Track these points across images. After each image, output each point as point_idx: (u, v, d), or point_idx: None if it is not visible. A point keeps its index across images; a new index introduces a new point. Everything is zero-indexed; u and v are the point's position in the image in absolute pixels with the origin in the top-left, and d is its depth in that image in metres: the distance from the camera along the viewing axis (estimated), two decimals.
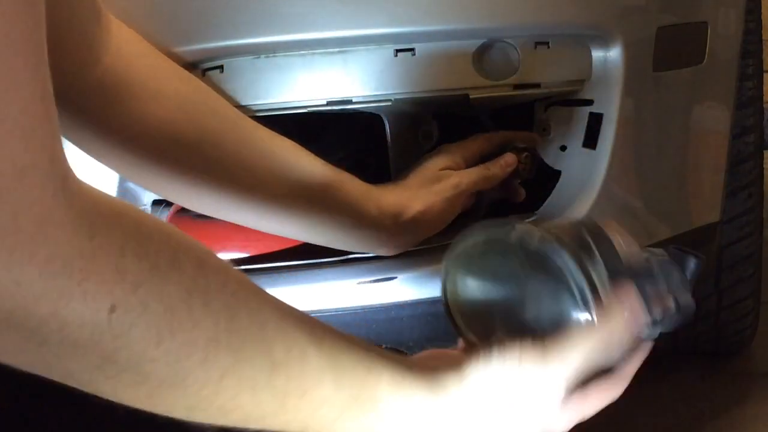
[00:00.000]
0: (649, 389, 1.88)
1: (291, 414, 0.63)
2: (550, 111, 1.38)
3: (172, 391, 0.61)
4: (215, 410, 0.62)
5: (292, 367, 0.62)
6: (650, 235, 1.49)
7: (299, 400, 0.63)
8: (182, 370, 0.59)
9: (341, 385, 0.66)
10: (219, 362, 0.59)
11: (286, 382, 0.62)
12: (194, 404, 0.62)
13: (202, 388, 0.60)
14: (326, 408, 0.65)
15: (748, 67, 1.70)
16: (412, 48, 1.25)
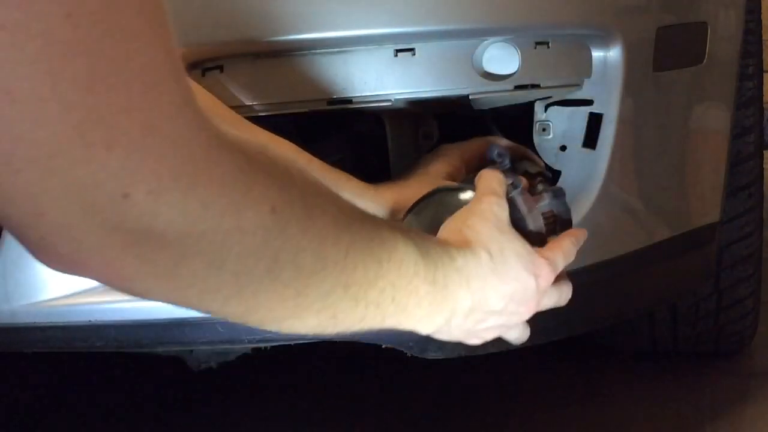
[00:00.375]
0: (649, 389, 1.88)
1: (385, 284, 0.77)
2: (550, 111, 1.38)
3: (317, 283, 0.70)
4: (345, 290, 0.73)
5: (394, 257, 0.76)
6: (650, 235, 1.49)
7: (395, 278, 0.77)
8: (323, 254, 0.69)
9: (427, 266, 0.81)
10: (343, 239, 0.71)
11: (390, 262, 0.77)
12: (330, 290, 0.71)
13: (337, 271, 0.71)
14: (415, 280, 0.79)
15: (748, 67, 1.70)
16: (412, 48, 1.25)
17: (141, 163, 0.57)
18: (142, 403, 1.93)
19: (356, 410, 1.85)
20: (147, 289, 0.64)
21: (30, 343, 1.32)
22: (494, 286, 0.88)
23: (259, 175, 0.64)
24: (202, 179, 0.59)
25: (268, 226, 0.64)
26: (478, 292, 0.86)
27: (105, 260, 0.60)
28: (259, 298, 0.68)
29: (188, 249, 0.61)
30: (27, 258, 1.25)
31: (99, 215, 0.57)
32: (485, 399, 1.88)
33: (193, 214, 0.59)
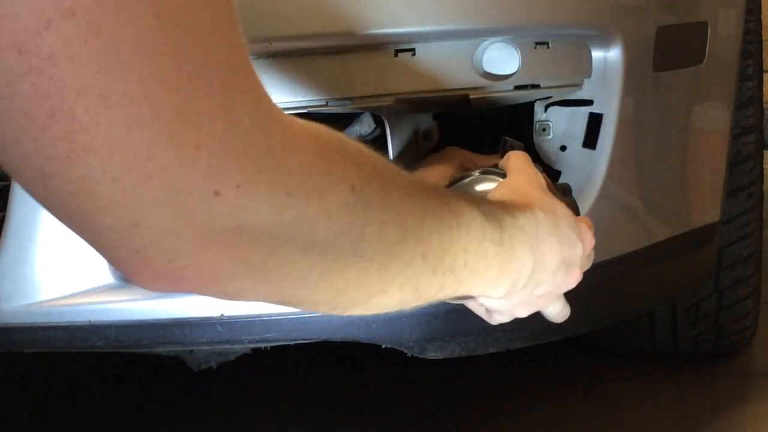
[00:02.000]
0: (649, 389, 1.88)
1: None
2: (550, 111, 1.38)
3: (399, 254, 0.72)
4: (423, 260, 0.75)
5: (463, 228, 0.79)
6: (650, 235, 1.49)
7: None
8: (403, 225, 0.71)
9: (493, 227, 0.83)
10: (417, 209, 0.73)
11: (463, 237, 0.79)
12: (411, 261, 0.73)
13: (415, 240, 0.73)
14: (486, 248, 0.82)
15: (748, 67, 1.70)
16: (412, 48, 1.25)
17: (227, 160, 0.58)
18: (142, 403, 1.93)
19: (356, 410, 1.85)
20: (242, 289, 0.65)
21: (30, 343, 1.32)
22: (551, 246, 0.90)
23: (334, 157, 0.66)
24: (284, 168, 0.61)
25: (351, 205, 0.66)
26: (537, 251, 0.88)
27: (200, 267, 0.61)
28: (347, 276, 0.69)
29: (278, 239, 0.62)
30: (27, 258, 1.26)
31: (192, 218, 0.58)
32: (485, 399, 1.88)
33: (280, 202, 0.61)
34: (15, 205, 1.25)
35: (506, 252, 0.85)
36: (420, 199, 0.74)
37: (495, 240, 0.83)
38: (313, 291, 0.69)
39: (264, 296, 0.67)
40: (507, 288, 0.87)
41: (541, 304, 0.95)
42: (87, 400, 1.96)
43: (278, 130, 0.61)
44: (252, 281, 0.64)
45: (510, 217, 0.86)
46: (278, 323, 1.30)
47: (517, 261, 0.86)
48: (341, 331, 1.31)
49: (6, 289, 1.27)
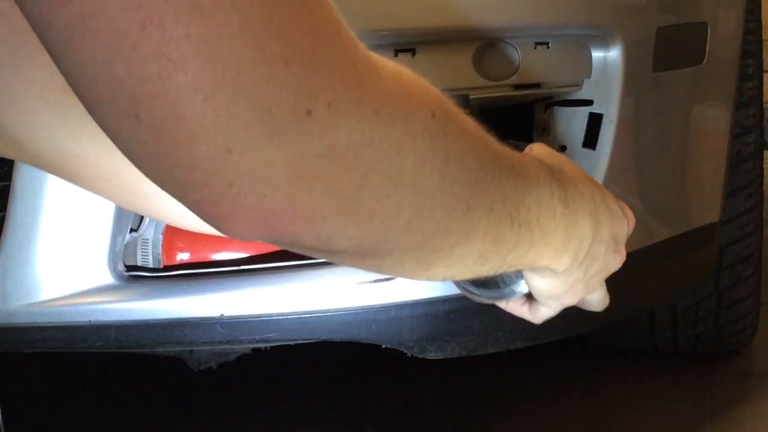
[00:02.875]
0: (649, 389, 1.88)
1: None
2: (550, 111, 1.38)
3: (482, 193, 0.71)
4: (503, 203, 0.75)
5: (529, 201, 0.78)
6: (650, 235, 1.49)
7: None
8: (482, 159, 0.71)
9: (559, 186, 0.82)
10: (492, 146, 0.73)
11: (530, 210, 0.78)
12: (492, 203, 0.73)
13: (495, 180, 0.73)
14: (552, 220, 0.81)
15: (748, 67, 1.70)
16: (412, 48, 1.25)
17: (316, 77, 0.58)
18: (142, 403, 1.93)
19: (356, 410, 1.85)
20: (334, 231, 0.64)
21: (30, 343, 1.32)
22: (606, 219, 0.89)
23: (414, 83, 0.66)
24: (370, 88, 0.61)
25: (433, 130, 0.66)
26: (594, 219, 0.87)
27: (294, 202, 0.60)
28: (437, 217, 0.69)
29: (368, 164, 0.62)
30: (27, 258, 1.26)
31: (285, 140, 0.57)
32: (485, 399, 1.88)
33: (369, 122, 0.61)
34: (15, 205, 1.25)
35: (571, 215, 0.84)
36: (490, 141, 0.74)
37: (561, 199, 0.82)
38: (403, 233, 0.68)
39: (357, 240, 0.66)
40: (570, 259, 0.86)
41: (591, 286, 0.93)
42: (87, 400, 1.96)
43: (361, 53, 0.62)
44: (344, 219, 0.63)
45: (571, 182, 0.85)
46: (278, 323, 1.30)
47: (580, 227, 0.86)
48: (341, 331, 1.31)
49: (6, 289, 1.27)
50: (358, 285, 1.28)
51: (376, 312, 1.30)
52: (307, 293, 1.28)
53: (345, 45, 0.61)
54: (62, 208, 1.25)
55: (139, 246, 1.30)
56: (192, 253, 1.30)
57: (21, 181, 1.24)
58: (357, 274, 1.28)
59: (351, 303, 1.29)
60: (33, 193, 1.25)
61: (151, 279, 1.30)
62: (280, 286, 1.29)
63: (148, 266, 1.30)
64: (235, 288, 1.29)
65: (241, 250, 1.31)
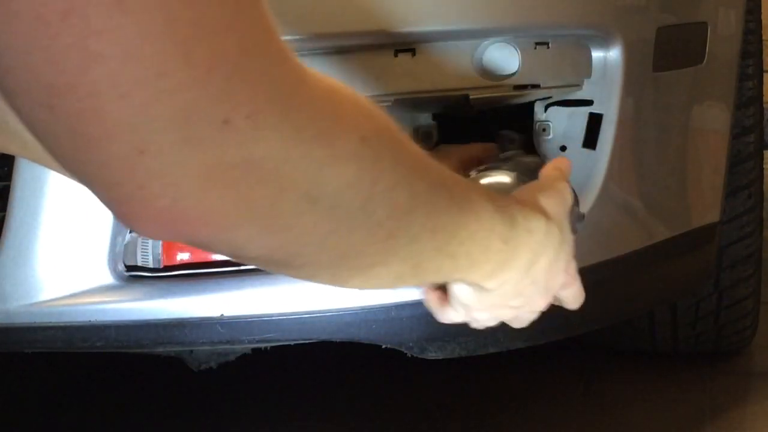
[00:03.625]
0: (649, 389, 1.88)
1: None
2: (550, 111, 1.38)
3: (408, 224, 0.70)
4: (431, 236, 0.73)
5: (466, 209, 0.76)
6: (650, 235, 1.49)
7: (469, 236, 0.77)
8: (414, 190, 0.69)
9: (503, 222, 0.80)
10: (430, 178, 0.71)
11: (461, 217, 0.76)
12: (418, 234, 0.71)
13: (426, 212, 0.71)
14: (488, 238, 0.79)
15: (748, 67, 1.70)
16: (412, 48, 1.25)
17: (238, 87, 0.56)
18: (141, 403, 1.93)
19: (356, 410, 1.85)
20: (247, 239, 0.62)
21: (30, 343, 1.32)
22: (548, 262, 0.87)
23: (346, 104, 0.64)
24: (294, 103, 0.60)
25: (361, 155, 0.64)
26: (535, 259, 0.85)
27: (205, 208, 0.59)
28: (354, 239, 0.67)
29: (285, 179, 0.60)
30: (27, 258, 1.26)
31: (200, 147, 0.56)
32: (485, 399, 1.88)
33: (289, 138, 0.59)
34: (15, 205, 1.25)
35: (510, 251, 0.82)
36: (432, 172, 0.72)
37: (502, 236, 0.80)
38: (318, 249, 0.66)
39: (268, 249, 0.64)
40: (496, 285, 0.84)
41: (504, 316, 0.91)
42: (87, 400, 1.96)
43: (291, 67, 0.60)
44: (257, 229, 0.62)
45: (522, 217, 0.83)
46: (278, 323, 1.30)
47: (516, 261, 0.83)
48: (341, 331, 1.31)
49: (6, 289, 1.27)
50: None
51: (376, 312, 1.30)
52: (307, 293, 1.28)
53: (273, 57, 0.59)
54: (62, 208, 1.25)
55: (139, 246, 1.30)
56: (192, 253, 1.30)
57: (21, 181, 1.24)
58: None
59: (351, 303, 1.29)
60: (33, 193, 1.25)
61: (151, 279, 1.30)
62: (280, 286, 1.29)
63: (148, 266, 1.30)
64: (235, 288, 1.29)
65: None
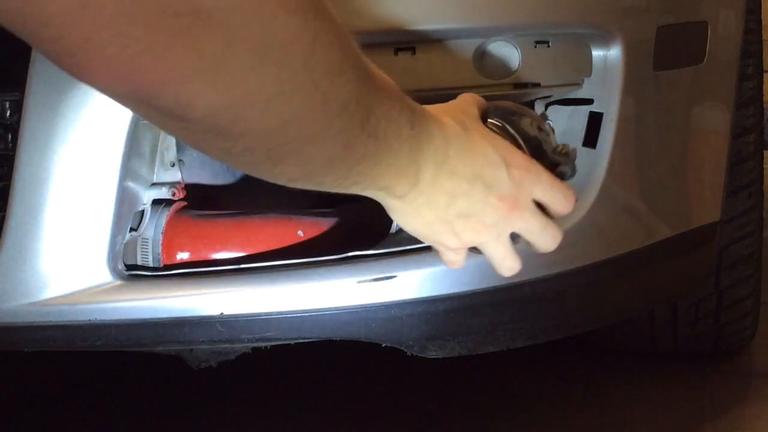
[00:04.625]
0: (649, 389, 1.88)
1: None
2: (550, 110, 1.38)
3: (338, 87, 0.71)
4: (356, 105, 0.74)
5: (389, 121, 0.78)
6: (650, 235, 1.49)
7: None
8: (345, 53, 0.71)
9: (409, 107, 0.81)
10: (356, 50, 0.73)
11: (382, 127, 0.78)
12: (346, 102, 0.73)
13: (353, 79, 0.73)
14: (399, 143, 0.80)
15: (748, 67, 1.70)
16: (413, 47, 1.25)
17: None
18: (141, 402, 1.93)
19: (356, 410, 1.85)
20: (194, 93, 0.62)
21: (30, 342, 1.32)
22: (459, 153, 0.86)
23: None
24: None
25: (306, 8, 0.65)
26: (442, 152, 0.84)
27: (153, 56, 0.58)
28: (294, 103, 0.68)
29: (234, 30, 0.60)
30: (26, 257, 1.26)
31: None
32: (485, 399, 1.88)
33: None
34: (15, 205, 1.25)
35: (415, 138, 0.81)
36: (357, 48, 0.73)
37: (409, 120, 0.80)
38: (261, 113, 0.66)
39: (214, 108, 0.64)
40: (410, 184, 0.84)
41: (462, 233, 0.89)
42: (87, 400, 1.96)
43: None
44: (205, 84, 0.61)
45: (421, 109, 0.83)
46: (278, 322, 1.30)
47: (424, 152, 0.83)
48: (341, 330, 1.31)
49: (6, 288, 1.27)
50: (358, 284, 1.28)
51: (376, 311, 1.30)
52: (307, 292, 1.28)
53: None
54: (62, 208, 1.25)
55: (139, 245, 1.30)
56: (192, 252, 1.30)
57: (21, 180, 1.24)
58: (357, 273, 1.28)
59: (351, 302, 1.29)
60: (33, 193, 1.25)
61: (151, 278, 1.30)
62: (280, 285, 1.29)
63: (148, 265, 1.30)
64: (235, 287, 1.29)
65: (241, 248, 1.31)
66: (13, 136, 1.24)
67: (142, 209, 1.30)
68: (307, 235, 1.31)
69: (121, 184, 1.26)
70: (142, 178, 1.29)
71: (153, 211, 1.31)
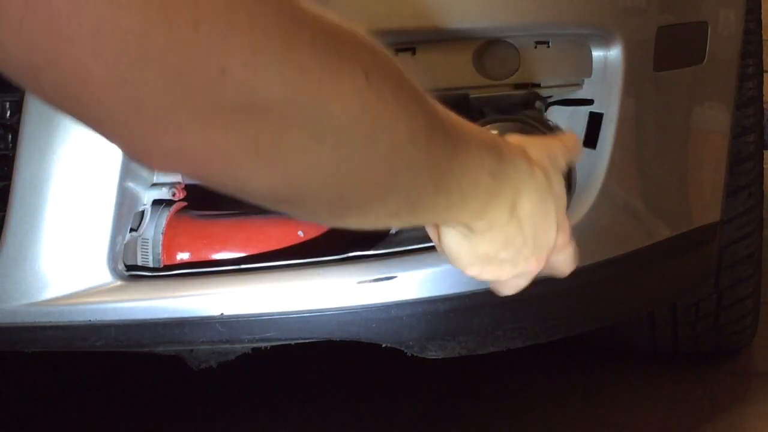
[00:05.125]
0: (649, 389, 1.88)
1: None
2: (550, 110, 1.38)
3: (408, 158, 0.69)
4: (429, 171, 0.73)
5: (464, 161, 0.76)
6: (650, 235, 1.50)
7: None
8: (414, 123, 0.69)
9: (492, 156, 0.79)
10: (427, 111, 0.70)
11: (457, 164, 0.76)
12: (417, 170, 0.71)
13: (425, 146, 0.71)
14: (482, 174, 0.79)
15: (748, 67, 1.70)
16: (413, 47, 1.25)
17: (232, 36, 0.55)
18: (141, 402, 1.93)
19: (356, 410, 1.85)
20: (252, 173, 0.62)
21: (30, 342, 1.32)
22: (532, 204, 0.85)
23: (348, 41, 0.63)
24: (294, 43, 0.58)
25: (364, 92, 0.63)
26: (518, 199, 0.84)
27: (209, 145, 0.58)
28: (356, 175, 0.67)
29: (289, 120, 0.60)
30: (27, 258, 1.26)
31: (199, 97, 0.56)
32: (485, 399, 1.88)
33: (292, 80, 0.58)
34: (15, 205, 1.25)
35: (496, 185, 0.81)
36: (429, 103, 0.72)
37: (491, 170, 0.79)
38: (321, 186, 0.66)
39: (272, 186, 0.64)
40: (487, 224, 0.83)
41: (499, 275, 0.89)
42: (87, 400, 1.96)
43: (286, 5, 0.59)
44: (261, 164, 0.62)
45: (508, 152, 0.82)
46: (278, 323, 1.30)
47: (501, 198, 0.82)
48: (341, 330, 1.31)
49: (6, 288, 1.27)
50: (358, 284, 1.28)
51: (376, 311, 1.30)
52: (307, 292, 1.28)
53: None
54: (62, 208, 1.25)
55: (139, 245, 1.30)
56: (192, 252, 1.30)
57: (21, 180, 1.24)
58: (357, 274, 1.28)
59: (351, 302, 1.29)
60: (33, 193, 1.25)
61: (151, 278, 1.30)
62: (280, 285, 1.29)
63: (148, 266, 1.30)
64: (235, 287, 1.29)
65: (241, 249, 1.31)
66: (13, 136, 1.24)
67: (143, 209, 1.30)
68: (307, 236, 1.31)
69: (121, 184, 1.26)
70: (142, 179, 1.29)
71: (153, 212, 1.31)
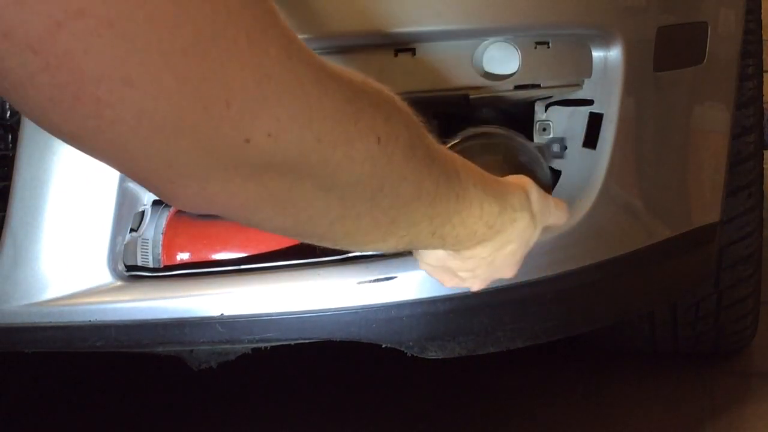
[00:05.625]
0: (649, 389, 1.88)
1: None
2: (550, 111, 1.38)
3: (410, 212, 0.75)
4: (429, 222, 0.79)
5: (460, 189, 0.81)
6: (650, 235, 1.49)
7: None
8: (421, 184, 0.74)
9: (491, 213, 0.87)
10: (435, 171, 0.76)
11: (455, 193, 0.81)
12: (419, 220, 0.77)
13: (428, 202, 0.76)
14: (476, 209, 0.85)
15: (748, 67, 1.70)
16: (412, 48, 1.25)
17: (260, 111, 0.59)
18: (141, 402, 1.93)
19: (356, 410, 1.85)
20: (266, 217, 0.68)
21: (30, 343, 1.32)
22: (511, 252, 0.94)
23: (366, 106, 0.67)
24: (316, 115, 0.62)
25: (375, 156, 0.68)
26: (505, 246, 0.92)
27: (230, 194, 0.63)
28: (360, 224, 0.72)
29: (301, 175, 0.64)
30: (26, 258, 1.26)
31: (222, 159, 0.60)
32: (485, 399, 1.88)
33: (308, 147, 0.63)
34: (15, 206, 1.25)
35: (491, 234, 0.88)
36: (439, 162, 0.76)
37: (489, 223, 0.86)
38: (327, 230, 0.72)
39: (283, 226, 0.70)
40: (468, 254, 0.91)
41: (448, 281, 0.99)
42: (87, 400, 1.96)
43: (311, 73, 0.62)
44: (274, 211, 0.67)
45: (510, 206, 0.90)
46: (278, 323, 1.30)
47: (491, 242, 0.90)
48: (341, 331, 1.31)
49: (6, 289, 1.27)
50: (358, 284, 1.28)
51: (376, 311, 1.30)
52: (307, 293, 1.28)
53: (294, 73, 0.61)
54: (62, 208, 1.25)
55: (139, 246, 1.30)
56: (192, 252, 1.30)
57: (21, 181, 1.24)
58: (357, 274, 1.28)
59: (351, 302, 1.29)
60: (33, 193, 1.25)
61: (151, 279, 1.30)
62: (280, 286, 1.29)
63: (148, 266, 1.30)
64: (235, 288, 1.29)
65: (241, 249, 1.31)
66: (13, 137, 1.24)
67: (142, 210, 1.30)
68: None
69: (121, 184, 1.26)
70: None
71: (153, 212, 1.31)
